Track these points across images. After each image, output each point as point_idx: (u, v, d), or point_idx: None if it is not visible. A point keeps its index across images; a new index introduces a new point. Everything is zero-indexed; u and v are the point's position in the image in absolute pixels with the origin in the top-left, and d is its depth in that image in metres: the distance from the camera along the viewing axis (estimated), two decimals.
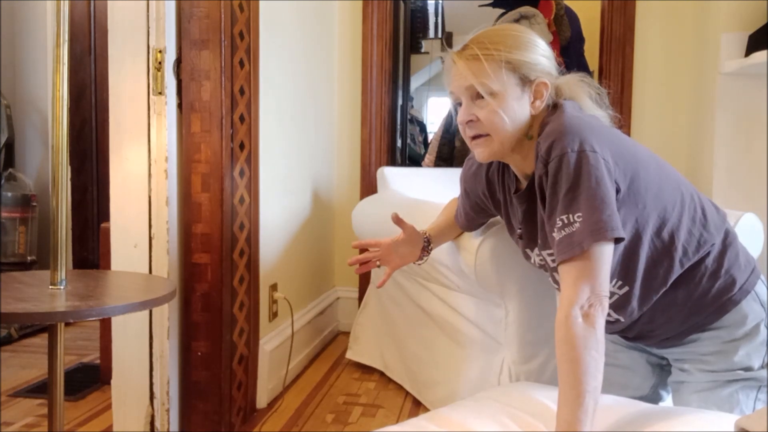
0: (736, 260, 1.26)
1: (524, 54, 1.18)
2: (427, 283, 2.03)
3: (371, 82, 3.01)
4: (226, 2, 1.76)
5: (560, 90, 1.23)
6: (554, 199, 1.11)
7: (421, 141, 3.99)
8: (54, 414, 1.32)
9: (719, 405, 1.25)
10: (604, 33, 2.84)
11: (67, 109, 1.31)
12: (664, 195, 1.20)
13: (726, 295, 1.24)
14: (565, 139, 1.10)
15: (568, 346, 1.04)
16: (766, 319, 1.27)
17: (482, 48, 1.17)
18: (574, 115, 1.17)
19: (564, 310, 1.06)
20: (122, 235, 1.78)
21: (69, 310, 1.16)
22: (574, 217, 1.07)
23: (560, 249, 1.09)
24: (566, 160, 1.09)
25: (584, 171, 1.08)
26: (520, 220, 1.31)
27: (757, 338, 1.25)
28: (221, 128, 1.79)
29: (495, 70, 1.16)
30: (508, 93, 1.17)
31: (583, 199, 1.07)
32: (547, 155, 1.12)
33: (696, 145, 2.62)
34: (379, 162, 3.02)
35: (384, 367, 2.41)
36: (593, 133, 1.13)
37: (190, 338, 1.84)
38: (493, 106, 1.17)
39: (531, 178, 1.23)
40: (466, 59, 1.18)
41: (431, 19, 4.05)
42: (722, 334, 1.26)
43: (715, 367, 1.26)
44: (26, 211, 3.08)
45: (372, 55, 3.00)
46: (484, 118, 1.18)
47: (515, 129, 1.19)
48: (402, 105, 3.31)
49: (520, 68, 1.17)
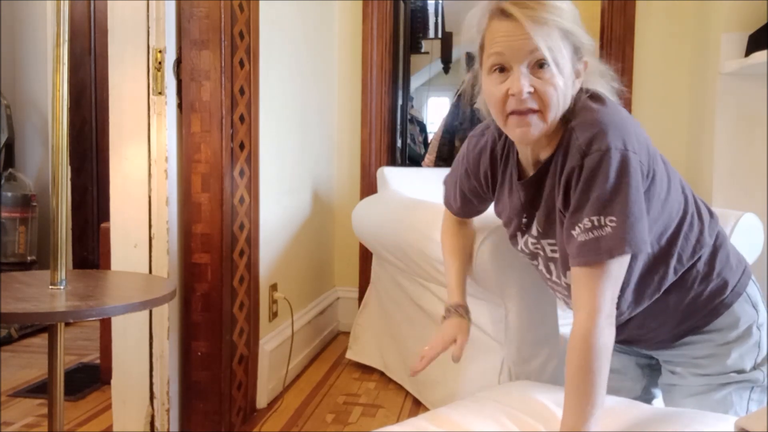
0: (727, 262, 1.24)
1: (579, 28, 1.07)
2: (427, 283, 2.03)
3: (371, 82, 3.01)
4: (226, 2, 1.76)
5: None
6: (585, 196, 1.04)
7: (421, 141, 3.99)
8: (54, 414, 1.32)
9: (713, 408, 1.24)
10: (604, 33, 2.84)
11: (67, 109, 1.31)
12: (670, 200, 1.16)
13: (718, 299, 1.23)
14: (609, 134, 1.03)
15: (593, 356, 1.02)
16: (757, 320, 1.26)
17: (546, 11, 1.02)
18: (617, 108, 1.10)
19: (590, 319, 1.02)
20: (122, 235, 1.78)
21: (69, 310, 1.16)
22: (606, 220, 1.02)
23: (583, 251, 1.04)
24: (608, 158, 1.02)
25: (627, 174, 1.02)
26: (516, 206, 1.24)
27: (749, 340, 1.24)
28: (221, 128, 1.79)
29: (562, 39, 1.04)
30: (567, 66, 1.06)
31: (619, 205, 1.01)
32: (587, 147, 1.04)
33: (696, 145, 2.62)
34: (379, 162, 3.02)
35: (384, 367, 2.41)
36: (633, 125, 1.07)
37: (190, 338, 1.84)
38: (556, 78, 1.04)
39: (542, 165, 1.15)
40: (534, 20, 1.02)
41: (431, 19, 4.05)
42: (715, 337, 1.25)
43: (709, 371, 1.25)
44: (26, 211, 3.08)
45: (372, 55, 3.00)
46: (544, 91, 1.04)
47: (563, 109, 1.08)
48: (402, 105, 3.31)
49: (576, 42, 1.07)
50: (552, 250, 1.23)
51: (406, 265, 2.09)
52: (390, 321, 2.36)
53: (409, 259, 2.03)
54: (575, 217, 1.06)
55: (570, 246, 1.08)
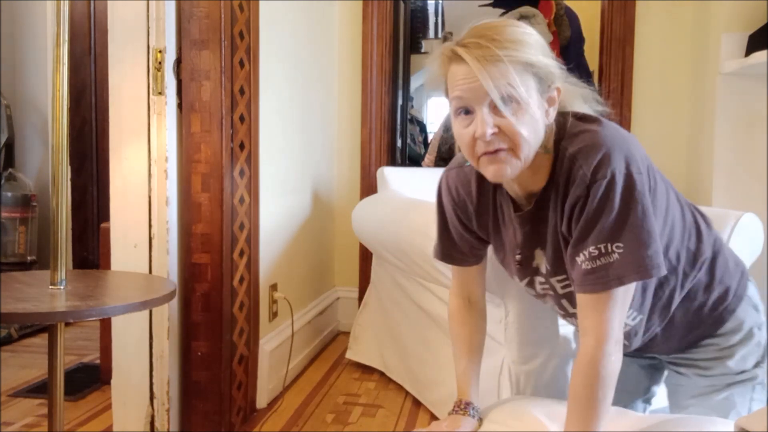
0: (727, 267, 1.24)
1: (542, 57, 1.02)
2: (427, 283, 2.03)
3: (371, 82, 3.01)
4: (226, 2, 1.76)
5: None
6: (591, 224, 1.01)
7: (421, 141, 3.98)
8: (54, 414, 1.32)
9: (716, 408, 1.24)
10: (604, 33, 2.84)
11: (67, 109, 1.31)
12: (670, 211, 1.14)
13: (722, 305, 1.23)
14: (613, 157, 1.00)
15: (598, 383, 1.01)
16: (759, 321, 1.27)
17: (501, 47, 0.98)
18: (614, 125, 1.07)
19: (598, 345, 1.02)
20: (122, 235, 1.78)
21: (69, 310, 1.16)
22: (613, 247, 1.00)
23: (590, 279, 1.02)
24: (614, 185, 0.99)
25: (633, 199, 0.99)
26: (515, 241, 1.19)
27: (752, 341, 1.25)
28: (221, 128, 1.79)
29: (520, 74, 0.99)
30: (533, 100, 1.01)
31: (628, 231, 0.99)
32: (592, 175, 1.01)
33: (696, 145, 2.62)
34: (379, 162, 3.02)
35: (384, 367, 2.41)
36: (634, 144, 1.04)
37: (190, 338, 1.84)
38: (520, 116, 1.00)
39: (540, 197, 1.11)
40: (486, 60, 0.98)
41: (431, 19, 4.05)
42: (719, 341, 1.25)
43: (713, 372, 1.26)
44: (26, 211, 3.08)
45: (372, 55, 3.00)
46: (509, 130, 1.00)
47: (537, 142, 1.04)
48: (402, 105, 3.31)
49: (540, 72, 1.02)
50: (563, 286, 1.20)
51: (406, 265, 2.09)
52: (390, 321, 2.36)
53: (409, 259, 2.03)
54: (580, 245, 1.04)
55: (574, 272, 1.06)
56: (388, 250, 2.20)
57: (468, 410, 1.26)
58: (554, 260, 1.15)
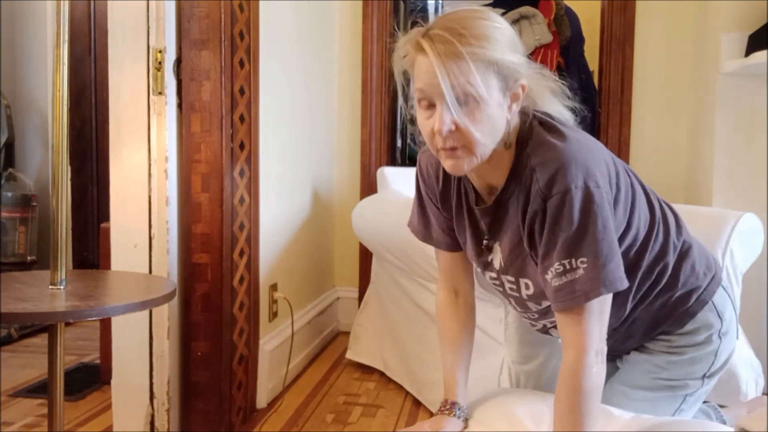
0: (693, 271, 1.23)
1: (509, 53, 1.01)
2: (427, 283, 2.03)
3: (371, 82, 3.01)
4: (226, 2, 1.76)
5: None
6: (552, 240, 1.02)
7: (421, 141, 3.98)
8: (54, 414, 1.32)
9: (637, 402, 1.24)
10: (604, 33, 2.84)
11: (67, 109, 1.31)
12: (636, 213, 1.14)
13: (682, 307, 1.23)
14: (567, 172, 1.00)
15: (581, 396, 1.01)
16: (720, 328, 1.25)
17: (465, 43, 0.96)
18: (574, 137, 1.06)
19: (578, 359, 1.02)
20: (122, 235, 1.78)
21: (69, 310, 1.16)
22: (577, 262, 1.00)
23: (560, 296, 1.03)
24: (569, 199, 0.99)
25: (591, 213, 0.99)
26: (475, 230, 1.20)
27: (707, 348, 1.24)
28: (221, 128, 1.79)
29: (482, 72, 0.97)
30: (492, 99, 1.00)
31: (588, 245, 1.00)
32: (547, 189, 1.01)
33: (696, 145, 2.62)
34: (379, 162, 3.02)
35: (384, 367, 2.41)
36: (593, 158, 1.03)
37: (190, 338, 1.84)
38: (477, 114, 0.99)
39: (499, 194, 1.12)
40: (447, 56, 0.97)
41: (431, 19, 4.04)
42: (673, 338, 1.25)
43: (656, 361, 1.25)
44: (26, 211, 3.08)
45: (372, 55, 3.00)
46: (465, 128, 1.00)
47: (496, 139, 1.04)
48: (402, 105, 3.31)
49: (504, 70, 1.00)
50: (511, 288, 1.22)
51: (406, 265, 2.09)
52: (390, 321, 2.36)
53: (409, 259, 2.03)
54: (546, 261, 1.04)
55: (547, 289, 1.06)
56: (388, 250, 2.20)
57: (454, 410, 1.24)
58: (508, 260, 1.17)
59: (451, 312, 1.33)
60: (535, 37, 3.02)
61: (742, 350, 1.64)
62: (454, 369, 1.29)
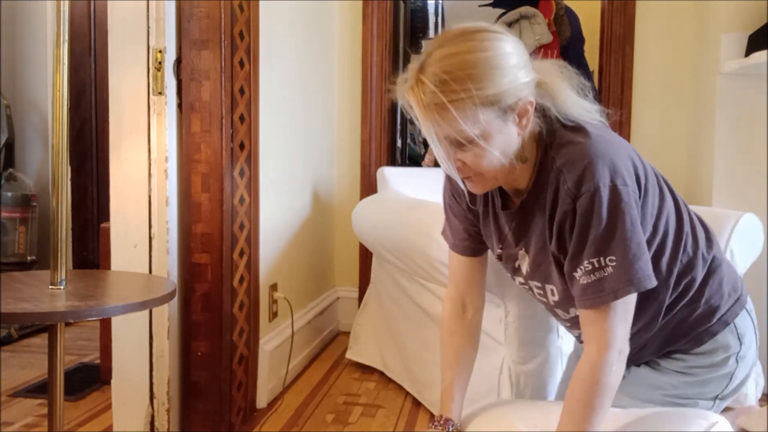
0: (719, 290, 1.20)
1: (497, 82, 0.99)
2: (427, 283, 2.03)
3: (371, 82, 3.01)
4: (226, 2, 1.76)
5: (542, 85, 1.08)
6: (582, 239, 1.02)
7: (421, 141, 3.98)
8: (54, 414, 1.32)
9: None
10: (604, 33, 2.84)
11: (67, 109, 1.31)
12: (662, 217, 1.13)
13: (703, 326, 1.20)
14: (595, 169, 1.00)
15: (597, 392, 1.01)
16: (739, 352, 1.22)
17: (446, 91, 0.97)
18: (595, 134, 1.06)
19: (600, 353, 1.02)
20: (122, 235, 1.78)
21: (69, 310, 1.16)
22: (606, 260, 1.01)
23: (587, 294, 1.03)
24: (599, 198, 1.00)
25: (620, 211, 1.00)
26: (501, 233, 1.21)
27: (722, 370, 1.22)
28: (221, 128, 1.79)
29: (470, 115, 0.98)
30: (491, 130, 1.01)
31: (617, 243, 1.00)
32: (576, 189, 1.01)
33: (696, 145, 2.62)
34: (379, 162, 3.02)
35: (384, 367, 2.41)
36: (618, 154, 1.04)
37: (190, 338, 1.84)
38: (477, 150, 1.01)
39: (525, 199, 1.13)
40: (430, 109, 0.99)
41: (431, 19, 4.04)
42: (689, 358, 1.22)
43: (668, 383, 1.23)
44: (26, 211, 3.08)
45: (372, 55, 3.00)
46: (471, 162, 1.04)
47: (508, 159, 1.06)
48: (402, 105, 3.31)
49: (497, 101, 1.00)
50: (539, 294, 1.22)
51: (406, 265, 2.09)
52: (390, 321, 2.36)
53: (409, 259, 2.03)
54: (576, 260, 1.04)
55: (574, 289, 1.07)
56: (388, 250, 2.20)
57: (447, 426, 1.24)
58: (534, 266, 1.17)
59: (456, 327, 1.31)
60: (535, 37, 3.02)
61: None
62: (452, 386, 1.28)
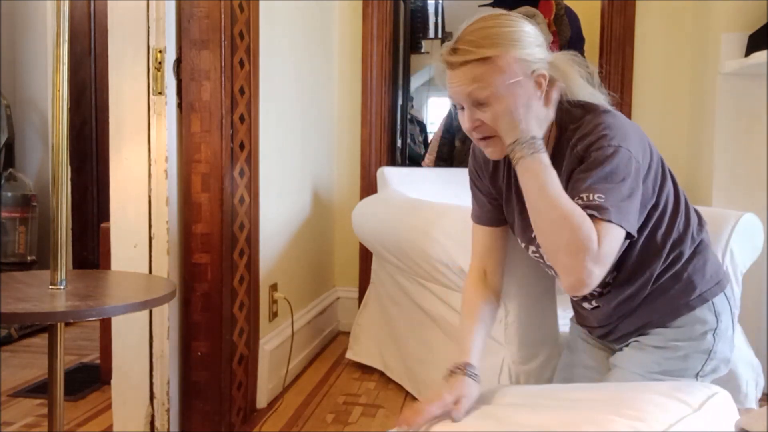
0: (702, 269, 1.29)
1: (518, 51, 1.14)
2: (427, 283, 2.03)
3: (371, 82, 3.01)
4: (226, 2, 1.76)
5: (556, 68, 1.21)
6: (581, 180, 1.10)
7: (421, 141, 3.98)
8: (54, 414, 1.32)
9: None
10: (604, 33, 2.84)
11: (67, 109, 1.31)
12: (663, 194, 1.23)
13: (682, 299, 1.27)
14: (607, 132, 1.12)
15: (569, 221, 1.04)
16: (716, 328, 1.28)
17: (477, 50, 1.12)
18: (610, 112, 1.18)
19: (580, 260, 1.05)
20: (122, 235, 1.78)
21: (69, 310, 1.16)
22: (595, 196, 1.07)
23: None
24: (603, 151, 1.10)
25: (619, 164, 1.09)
26: (519, 208, 1.28)
27: (701, 345, 1.27)
28: (221, 128, 1.79)
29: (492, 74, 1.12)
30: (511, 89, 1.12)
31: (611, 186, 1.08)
32: (584, 152, 1.13)
33: (696, 145, 2.62)
34: (379, 162, 3.02)
35: (384, 367, 2.41)
36: (632, 130, 1.15)
37: (190, 338, 1.84)
38: (497, 107, 1.13)
39: None
40: (462, 64, 1.13)
41: (431, 19, 4.04)
42: (667, 332, 1.28)
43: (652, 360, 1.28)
44: (26, 211, 3.08)
45: (372, 55, 3.00)
46: (490, 121, 1.14)
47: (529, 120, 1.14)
48: (402, 105, 3.31)
49: (519, 65, 1.13)
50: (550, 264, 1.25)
51: (406, 265, 2.09)
52: (390, 321, 2.36)
53: (409, 259, 2.03)
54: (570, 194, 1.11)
55: None
56: (388, 250, 2.20)
57: (467, 369, 1.14)
58: None
59: (477, 288, 1.35)
60: None
61: (742, 350, 1.64)
62: (472, 332, 1.24)
